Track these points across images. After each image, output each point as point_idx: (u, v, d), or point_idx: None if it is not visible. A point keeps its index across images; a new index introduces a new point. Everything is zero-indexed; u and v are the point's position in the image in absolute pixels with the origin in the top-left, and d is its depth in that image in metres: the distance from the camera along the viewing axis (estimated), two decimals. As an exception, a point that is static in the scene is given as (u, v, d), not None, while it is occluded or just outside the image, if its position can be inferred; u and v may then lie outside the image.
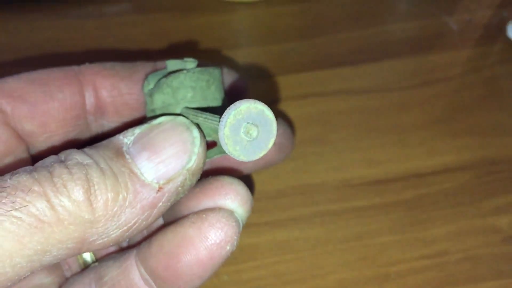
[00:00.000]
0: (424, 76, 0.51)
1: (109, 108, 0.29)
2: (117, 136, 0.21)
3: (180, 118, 0.21)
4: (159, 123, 0.21)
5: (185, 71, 0.25)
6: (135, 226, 0.19)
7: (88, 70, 0.28)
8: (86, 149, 0.19)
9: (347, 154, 0.44)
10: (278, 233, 0.39)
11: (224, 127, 0.18)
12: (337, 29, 0.55)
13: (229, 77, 0.35)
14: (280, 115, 0.30)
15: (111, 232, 0.18)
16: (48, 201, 0.17)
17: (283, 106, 0.48)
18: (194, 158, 0.20)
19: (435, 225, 0.39)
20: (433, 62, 0.52)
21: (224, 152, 0.24)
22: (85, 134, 0.30)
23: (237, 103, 0.18)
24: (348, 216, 0.40)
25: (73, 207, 0.17)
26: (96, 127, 0.30)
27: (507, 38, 0.53)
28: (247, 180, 0.41)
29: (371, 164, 0.43)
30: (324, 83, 0.50)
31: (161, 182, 0.19)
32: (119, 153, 0.19)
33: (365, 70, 0.51)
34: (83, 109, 0.28)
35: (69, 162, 0.18)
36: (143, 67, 0.30)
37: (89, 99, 0.28)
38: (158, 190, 0.19)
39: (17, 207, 0.16)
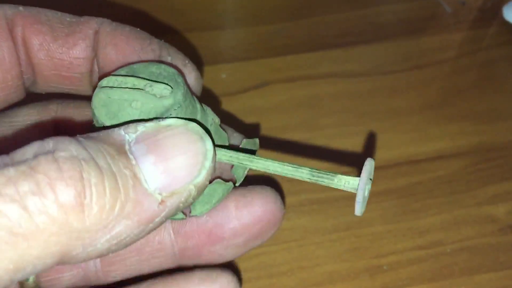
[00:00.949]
0: (416, 60, 0.48)
1: (39, 73, 0.25)
2: (116, 129, 0.17)
3: (194, 124, 0.18)
4: (168, 125, 0.18)
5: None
6: (125, 241, 0.16)
7: (20, 20, 0.24)
8: (81, 139, 0.16)
9: (337, 140, 0.42)
10: (264, 223, 0.37)
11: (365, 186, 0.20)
12: (326, 10, 0.53)
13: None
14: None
15: (99, 244, 0.15)
16: (25, 208, 0.13)
17: (270, 90, 0.46)
18: (204, 173, 0.18)
19: (429, 214, 0.37)
20: (426, 45, 0.50)
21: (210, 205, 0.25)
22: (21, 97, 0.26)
23: (368, 164, 0.21)
24: (337, 205, 0.38)
25: (59, 214, 0.14)
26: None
27: (503, 21, 0.51)
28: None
29: (362, 149, 0.41)
30: (313, 66, 0.48)
31: (164, 194, 0.17)
32: (121, 151, 0.16)
33: (355, 53, 0.49)
34: (19, 69, 0.25)
35: (60, 154, 0.14)
36: (87, 25, 0.24)
37: (22, 58, 0.24)
38: (160, 203, 0.17)
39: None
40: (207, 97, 0.45)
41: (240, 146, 0.26)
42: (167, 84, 0.21)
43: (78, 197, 0.14)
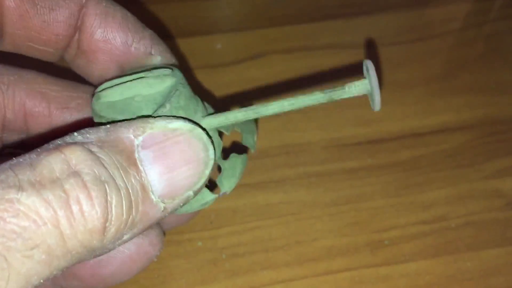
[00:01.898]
0: (420, 31, 0.46)
1: (10, 38, 0.23)
2: (125, 131, 0.17)
3: (199, 131, 0.19)
4: (175, 129, 0.18)
5: (178, 91, 0.22)
6: (123, 243, 0.17)
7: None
8: (95, 149, 0.16)
9: (336, 112, 0.40)
10: (259, 196, 0.35)
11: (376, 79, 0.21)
12: (326, -20, 0.51)
13: None
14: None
15: (105, 250, 0.17)
16: (61, 234, 0.15)
17: (267, 61, 0.44)
18: (203, 180, 0.19)
19: (433, 188, 0.35)
20: (430, 17, 0.48)
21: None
22: None
23: (369, 63, 0.21)
24: (337, 178, 0.36)
25: (86, 237, 0.15)
26: None
27: (510, -8, 0.49)
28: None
29: (363, 123, 0.39)
30: (312, 37, 0.46)
31: (166, 201, 0.18)
32: (131, 160, 0.17)
33: (356, 24, 0.47)
34: None
35: (86, 178, 0.15)
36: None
37: None
38: (162, 210, 0.18)
39: (30, 246, 0.14)
40: (202, 67, 0.43)
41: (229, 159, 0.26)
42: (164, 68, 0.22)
43: (104, 222, 0.16)
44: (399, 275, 0.31)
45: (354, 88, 0.23)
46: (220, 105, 0.40)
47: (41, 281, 0.15)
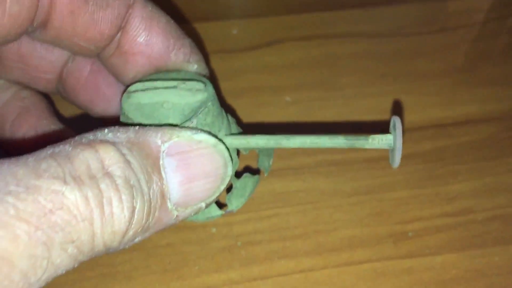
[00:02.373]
0: (442, 22, 0.45)
1: (57, 31, 0.22)
2: (153, 135, 0.18)
3: (222, 147, 0.20)
4: (200, 141, 0.19)
5: (206, 107, 0.22)
6: (131, 244, 0.18)
7: None
8: (125, 151, 0.17)
9: (356, 100, 0.39)
10: (277, 184, 0.33)
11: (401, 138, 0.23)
12: (345, -31, 0.49)
13: None
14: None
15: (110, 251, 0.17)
16: (93, 232, 0.15)
17: (284, 48, 0.42)
18: (216, 194, 0.20)
19: (458, 180, 0.34)
20: (452, 8, 0.46)
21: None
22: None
23: (396, 120, 0.23)
24: (357, 167, 0.34)
25: (110, 237, 0.16)
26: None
27: (534, -15, 0.47)
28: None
29: (384, 112, 0.38)
30: (329, 25, 0.44)
31: (179, 209, 0.18)
32: (156, 166, 0.17)
33: (376, 14, 0.46)
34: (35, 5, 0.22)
35: (118, 181, 0.16)
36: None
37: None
38: (175, 218, 0.18)
39: (68, 240, 0.14)
40: (217, 52, 0.41)
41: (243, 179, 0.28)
42: (198, 81, 0.23)
43: (128, 225, 0.16)
44: (423, 268, 0.29)
45: (378, 142, 0.23)
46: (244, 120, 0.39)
47: (62, 273, 0.15)
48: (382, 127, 0.36)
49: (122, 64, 0.24)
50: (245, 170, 0.29)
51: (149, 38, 0.24)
